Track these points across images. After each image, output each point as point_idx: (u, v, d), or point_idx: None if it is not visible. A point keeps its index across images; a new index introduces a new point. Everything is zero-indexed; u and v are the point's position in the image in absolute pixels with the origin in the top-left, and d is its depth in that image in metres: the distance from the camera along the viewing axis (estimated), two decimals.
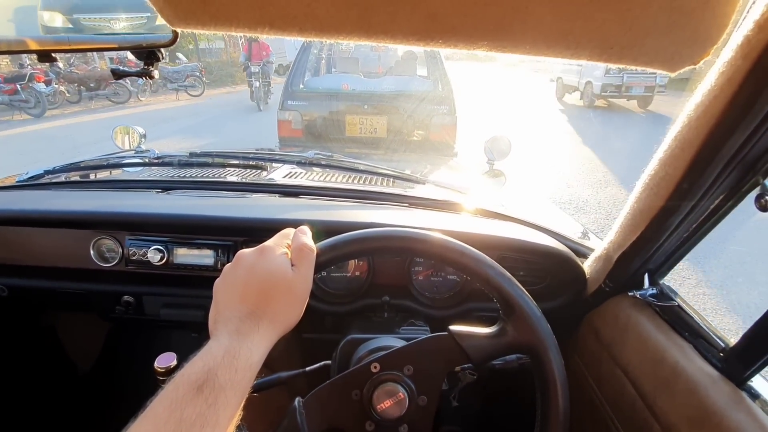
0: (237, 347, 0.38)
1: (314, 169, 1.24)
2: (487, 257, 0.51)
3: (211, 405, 0.34)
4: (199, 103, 10.91)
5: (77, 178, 1.20)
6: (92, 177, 1.25)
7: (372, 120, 3.44)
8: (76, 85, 10.39)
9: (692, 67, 0.38)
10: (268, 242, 0.48)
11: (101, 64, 12.35)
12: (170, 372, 0.72)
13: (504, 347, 0.51)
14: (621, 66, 0.38)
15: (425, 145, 3.54)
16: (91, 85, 10.50)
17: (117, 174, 1.26)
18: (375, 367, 0.51)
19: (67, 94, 10.06)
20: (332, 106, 3.51)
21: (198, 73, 12.14)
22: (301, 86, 3.78)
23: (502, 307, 0.51)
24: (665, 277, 0.75)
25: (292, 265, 0.46)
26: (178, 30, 0.43)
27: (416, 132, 3.55)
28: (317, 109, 3.51)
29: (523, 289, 0.50)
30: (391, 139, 3.46)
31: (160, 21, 0.41)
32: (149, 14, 0.55)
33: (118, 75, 0.65)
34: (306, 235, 0.49)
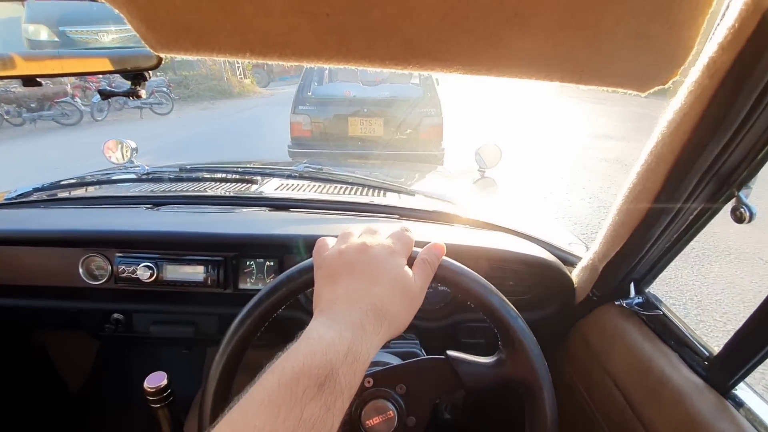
0: (359, 346, 0.35)
1: (304, 181, 1.24)
2: (493, 286, 0.50)
3: (329, 408, 0.30)
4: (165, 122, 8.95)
5: (66, 195, 1.19)
6: (81, 194, 1.25)
7: (371, 121, 4.02)
8: (14, 106, 8.51)
9: (661, 87, 0.39)
10: (393, 242, 0.45)
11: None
12: (161, 392, 0.71)
13: (500, 379, 0.51)
14: (592, 87, 0.39)
15: (416, 143, 4.02)
16: (32, 105, 8.56)
17: (106, 190, 1.25)
18: (368, 382, 0.51)
19: (6, 117, 8.38)
20: (337, 110, 4.08)
21: (165, 89, 10.06)
22: (310, 93, 4.31)
23: (502, 338, 0.51)
24: (650, 286, 0.76)
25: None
26: (162, 55, 0.44)
27: (408, 131, 4.03)
28: (324, 113, 4.07)
29: (525, 323, 0.50)
30: (388, 137, 4.04)
31: None
32: None
33: (105, 95, 0.66)
34: (441, 256, 0.48)
